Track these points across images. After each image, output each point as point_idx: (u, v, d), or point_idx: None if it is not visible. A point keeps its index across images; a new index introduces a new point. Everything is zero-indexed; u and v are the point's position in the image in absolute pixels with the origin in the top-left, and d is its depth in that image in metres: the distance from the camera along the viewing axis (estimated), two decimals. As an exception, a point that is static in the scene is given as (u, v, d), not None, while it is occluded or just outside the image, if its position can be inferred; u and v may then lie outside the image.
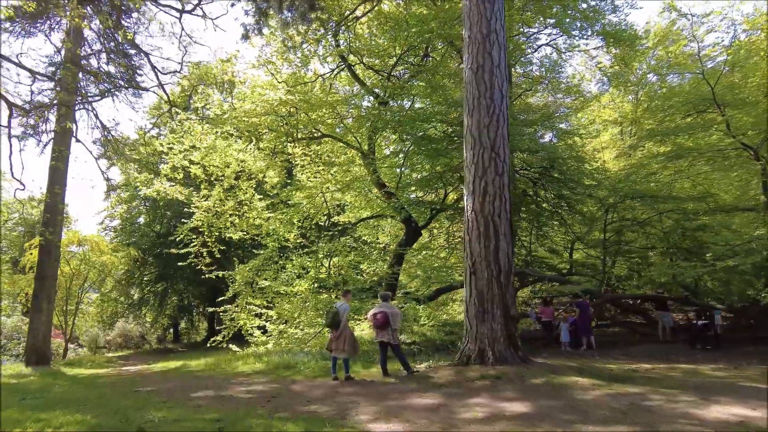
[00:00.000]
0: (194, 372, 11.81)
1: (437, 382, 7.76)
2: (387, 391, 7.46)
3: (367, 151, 15.27)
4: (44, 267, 16.77)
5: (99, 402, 7.39)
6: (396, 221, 18.64)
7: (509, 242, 9.01)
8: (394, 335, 8.52)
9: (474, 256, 8.86)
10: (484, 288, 8.72)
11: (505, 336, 8.59)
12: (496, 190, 8.94)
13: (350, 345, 8.80)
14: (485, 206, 8.88)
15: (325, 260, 15.39)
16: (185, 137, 15.72)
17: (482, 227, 8.86)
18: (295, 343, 12.72)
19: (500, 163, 9.04)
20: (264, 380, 9.12)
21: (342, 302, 9.07)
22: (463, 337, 8.94)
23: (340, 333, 8.82)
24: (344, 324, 8.87)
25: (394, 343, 8.51)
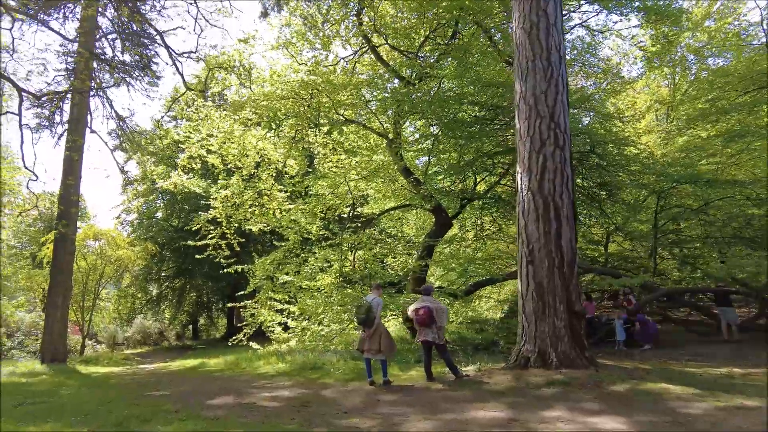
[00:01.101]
0: (212, 372, 10.60)
1: (495, 390, 6.40)
2: (437, 399, 6.12)
3: (392, 138, 13.94)
4: (59, 261, 15.75)
5: (103, 410, 6.17)
6: (422, 212, 17.30)
7: (572, 226, 7.61)
8: (440, 334, 7.17)
9: (531, 243, 7.48)
10: (543, 279, 7.33)
11: (570, 334, 7.20)
12: (557, 166, 7.54)
13: (386, 345, 7.49)
14: (544, 185, 7.49)
15: (349, 253, 14.10)
16: (202, 124, 14.57)
17: (541, 209, 7.47)
18: (320, 340, 11.44)
19: (560, 135, 7.65)
20: (290, 383, 7.85)
21: (373, 296, 7.76)
22: (519, 337, 7.55)
23: (374, 331, 7.52)
24: (378, 321, 7.57)
25: (439, 342, 7.17)
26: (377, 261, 14.48)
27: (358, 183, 14.08)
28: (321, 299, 12.60)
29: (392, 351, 7.69)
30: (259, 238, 22.41)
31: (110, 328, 20.82)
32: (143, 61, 17.32)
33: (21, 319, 18.56)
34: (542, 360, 7.13)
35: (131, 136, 18.02)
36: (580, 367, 6.95)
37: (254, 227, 14.45)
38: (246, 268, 13.92)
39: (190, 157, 14.57)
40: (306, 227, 14.33)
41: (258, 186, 14.36)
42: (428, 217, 17.53)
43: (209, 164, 15.28)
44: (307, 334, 12.73)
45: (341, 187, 13.99)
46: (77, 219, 16.03)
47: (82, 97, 16.04)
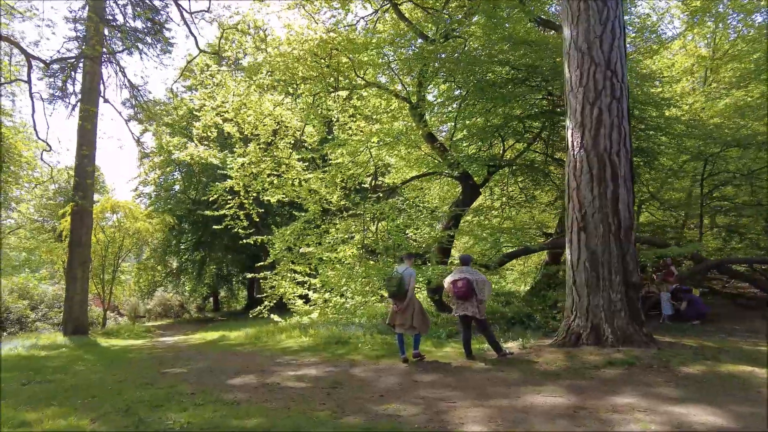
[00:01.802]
0: (233, 346, 9.99)
1: (549, 370, 5.58)
2: (482, 381, 5.33)
3: (416, 102, 12.90)
4: (77, 234, 15.24)
5: (114, 390, 5.52)
6: (446, 182, 16.34)
7: (630, 188, 6.64)
8: (481, 308, 6.34)
9: (584, 207, 6.54)
10: (598, 248, 6.42)
11: (626, 308, 6.32)
12: (614, 120, 6.53)
13: (420, 320, 6.70)
14: (599, 141, 6.50)
15: (371, 224, 13.27)
16: (217, 91, 13.70)
17: (595, 169, 6.50)
18: (343, 313, 10.75)
19: (617, 84, 6.61)
20: (315, 360, 7.14)
21: (405, 267, 6.93)
22: (569, 311, 6.68)
23: (407, 305, 6.74)
24: (411, 294, 6.77)
25: (480, 317, 6.34)
26: (400, 232, 13.67)
27: (380, 150, 13.15)
28: (343, 271, 11.86)
29: (427, 327, 6.92)
30: (278, 210, 21.71)
31: (131, 301, 20.50)
32: (155, 27, 16.39)
33: (44, 292, 18.26)
34: (596, 336, 6.27)
35: (146, 107, 17.24)
36: (639, 344, 6.09)
37: (272, 198, 13.69)
38: (266, 239, 13.22)
39: (205, 126, 13.77)
40: (326, 197, 13.53)
41: (276, 154, 13.53)
42: (452, 187, 16.58)
43: (225, 134, 14.48)
44: (329, 306, 12.07)
45: (362, 155, 13.09)
46: (93, 190, 15.42)
47: (94, 65, 15.22)
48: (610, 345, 6.08)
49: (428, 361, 6.50)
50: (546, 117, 12.34)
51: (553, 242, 10.58)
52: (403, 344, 6.77)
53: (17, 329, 16.71)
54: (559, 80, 10.91)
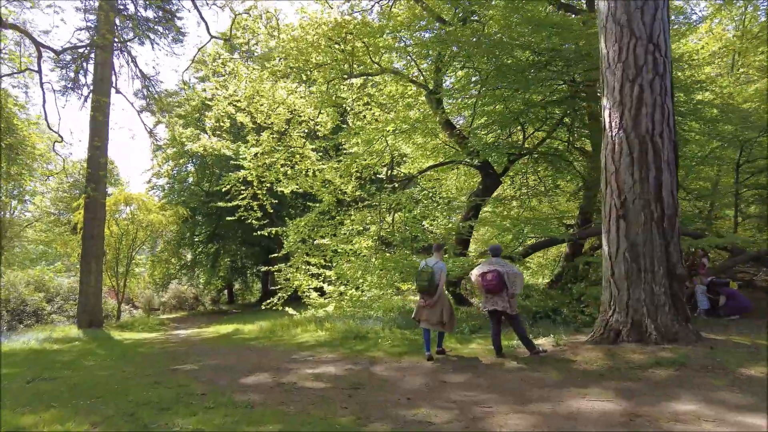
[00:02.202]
0: (247, 340, 9.60)
1: (588, 370, 5.05)
2: (518, 382, 4.82)
3: (432, 88, 12.32)
4: (90, 226, 14.98)
5: (120, 389, 5.12)
6: (464, 172, 15.76)
7: (673, 172, 6.04)
8: (512, 302, 5.82)
9: (623, 194, 5.96)
10: (639, 237, 5.84)
11: (671, 303, 5.75)
12: (656, 99, 5.92)
13: (450, 318, 6.21)
14: (641, 121, 5.90)
15: (387, 215, 12.78)
16: (228, 80, 13.27)
17: (636, 152, 5.91)
18: (360, 306, 10.29)
19: (660, 60, 5.99)
20: (333, 356, 6.69)
21: (434, 259, 6.43)
22: (606, 305, 6.13)
23: (436, 300, 6.25)
24: (441, 289, 6.27)
25: (511, 313, 5.82)
26: (417, 223, 13.16)
27: (396, 139, 12.62)
28: (359, 264, 11.39)
29: (454, 325, 6.41)
30: (292, 203, 21.32)
31: (146, 294, 20.30)
32: (167, 15, 15.99)
33: (59, 284, 18.11)
34: (637, 333, 5.72)
35: (158, 97, 16.88)
36: (686, 342, 5.52)
37: (286, 189, 13.24)
38: (280, 231, 12.81)
39: (218, 116, 13.36)
40: (340, 187, 13.05)
41: (289, 143, 13.07)
42: (469, 178, 16.00)
43: (239, 124, 14.05)
44: (345, 299, 11.63)
45: (377, 143, 12.55)
46: (106, 182, 15.13)
47: (105, 54, 14.87)
48: (654, 342, 5.53)
49: (455, 359, 6.00)
50: (568, 103, 11.69)
51: (584, 232, 9.98)
52: (429, 340, 6.27)
53: (33, 321, 16.58)
54: (583, 64, 10.28)
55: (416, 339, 7.39)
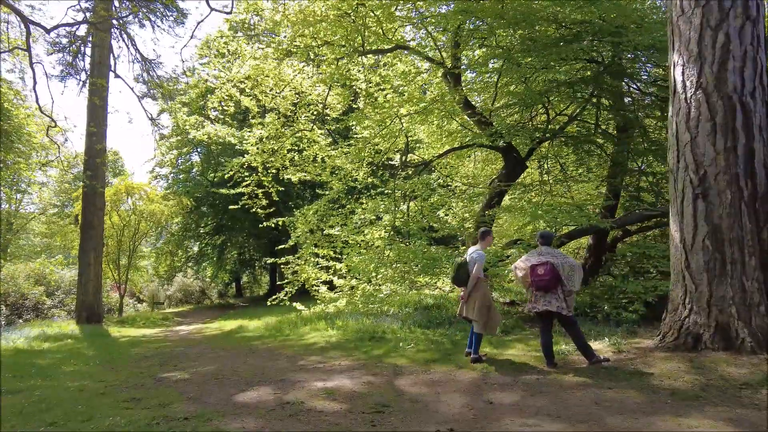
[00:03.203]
0: (251, 339, 8.53)
1: (676, 388, 3.88)
2: (589, 404, 3.66)
3: (450, 66, 11.09)
4: (89, 216, 13.98)
5: (84, 411, 4.02)
6: (483, 157, 14.58)
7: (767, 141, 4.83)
8: (569, 301, 4.66)
9: (703, 167, 4.76)
10: (723, 221, 4.65)
11: (767, 301, 4.56)
12: (746, 50, 4.70)
13: (481, 313, 5.09)
14: (726, 78, 4.69)
15: (402, 203, 11.61)
16: (231, 60, 12.15)
17: (719, 116, 4.70)
18: (375, 302, 9.18)
19: (752, 2, 4.76)
20: (348, 363, 5.56)
21: (476, 248, 5.30)
22: (680, 304, 4.94)
23: (469, 293, 5.16)
24: (475, 280, 5.15)
25: (567, 314, 4.66)
26: (433, 212, 12.00)
27: (411, 121, 11.42)
28: (372, 256, 10.26)
29: (489, 325, 5.24)
30: (300, 193, 20.23)
31: (151, 287, 19.33)
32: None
33: (60, 278, 17.16)
34: (724, 339, 4.54)
35: (159, 82, 15.79)
36: (790, 351, 4.34)
37: (293, 176, 12.10)
38: (287, 221, 11.69)
39: (221, 99, 12.22)
40: (351, 174, 11.90)
41: (296, 127, 11.92)
42: (486, 164, 14.80)
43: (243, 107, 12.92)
44: (357, 294, 10.53)
45: (391, 126, 11.36)
46: (105, 170, 14.10)
47: (103, 36, 13.77)
48: (750, 351, 4.35)
49: (496, 369, 4.85)
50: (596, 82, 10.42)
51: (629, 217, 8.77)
52: (472, 338, 5.22)
53: (33, 316, 15.67)
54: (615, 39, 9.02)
55: (442, 342, 6.26)
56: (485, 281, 5.29)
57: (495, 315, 5.23)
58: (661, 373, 4.24)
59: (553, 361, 4.76)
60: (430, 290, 11.41)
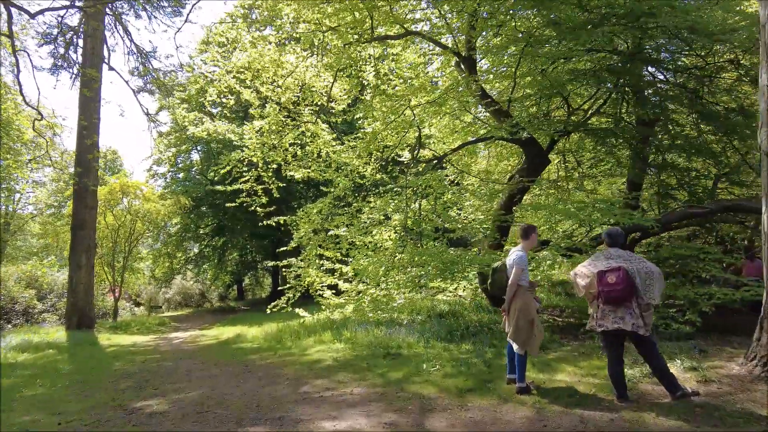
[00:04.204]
0: (248, 353, 7.46)
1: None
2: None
3: (465, 54, 10.02)
4: (80, 215, 12.93)
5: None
6: (497, 152, 13.46)
7: None
8: (647, 318, 3.57)
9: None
10: None
11: None
12: None
13: (519, 327, 4.04)
14: None
15: (413, 201, 10.52)
16: (230, 49, 11.12)
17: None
18: (388, 311, 8.10)
19: None
20: (361, 392, 4.48)
21: (516, 249, 4.24)
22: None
23: (509, 305, 4.11)
24: (513, 289, 4.08)
25: (645, 334, 3.57)
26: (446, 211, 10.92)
27: (424, 112, 10.34)
28: (382, 258, 9.16)
29: (529, 342, 4.14)
30: (303, 192, 19.17)
31: (148, 290, 18.27)
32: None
33: (53, 280, 16.12)
34: None
35: (157, 77, 14.76)
36: None
37: (296, 173, 11.04)
38: (289, 220, 10.61)
39: (220, 92, 11.19)
40: (358, 170, 10.81)
41: (299, 119, 10.85)
42: (500, 160, 13.69)
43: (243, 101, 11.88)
44: (365, 300, 9.44)
45: (401, 118, 10.26)
46: (97, 167, 13.05)
47: (95, 24, 12.75)
48: None
49: (556, 405, 3.76)
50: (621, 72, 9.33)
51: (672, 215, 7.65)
52: (510, 360, 4.18)
53: (23, 321, 14.63)
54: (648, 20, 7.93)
55: (472, 362, 5.17)
56: (527, 290, 4.21)
57: (539, 332, 4.14)
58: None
59: (626, 394, 3.67)
60: (444, 295, 10.34)
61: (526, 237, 4.28)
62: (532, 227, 4.35)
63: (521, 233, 4.31)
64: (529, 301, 4.16)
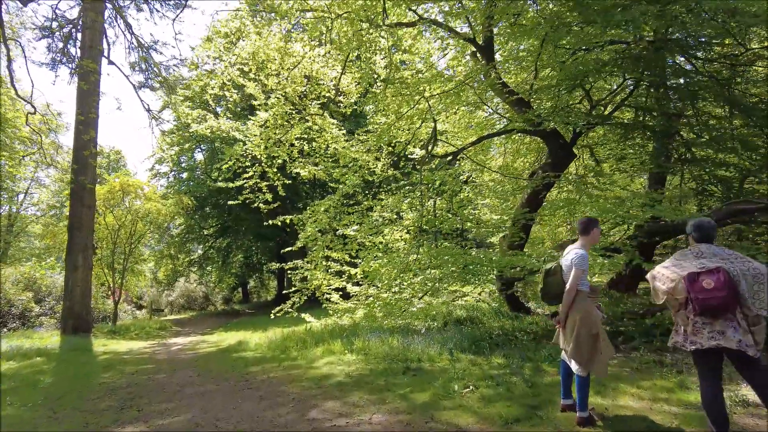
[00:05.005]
0: (249, 363, 6.66)
1: None
2: None
3: (482, 44, 9.21)
4: (77, 215, 12.20)
5: None
6: (513, 148, 12.64)
7: None
8: (758, 334, 2.74)
9: None
10: None
11: None
12: None
13: (582, 346, 3.21)
14: None
15: (428, 198, 9.70)
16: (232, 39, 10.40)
17: None
18: (405, 317, 7.28)
19: None
20: (383, 419, 3.66)
21: (574, 247, 3.42)
22: None
23: (565, 315, 3.29)
24: (573, 293, 3.28)
25: (754, 355, 2.74)
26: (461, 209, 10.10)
27: (440, 102, 9.54)
28: (395, 260, 8.34)
29: (591, 359, 3.31)
30: (309, 193, 18.39)
31: (150, 293, 17.53)
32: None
33: (53, 282, 15.42)
34: None
35: (158, 71, 14.07)
36: None
37: (302, 170, 10.26)
38: (295, 219, 9.82)
39: (223, 84, 10.46)
40: (368, 166, 10.02)
41: (306, 112, 10.08)
42: (516, 158, 12.87)
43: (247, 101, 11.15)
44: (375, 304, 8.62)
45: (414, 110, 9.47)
46: (94, 164, 12.33)
47: (95, 16, 12.09)
48: None
49: (598, 423, 2.92)
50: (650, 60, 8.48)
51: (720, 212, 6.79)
52: (564, 380, 3.38)
53: (19, 324, 13.93)
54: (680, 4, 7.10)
55: (509, 380, 4.34)
56: (588, 296, 3.38)
57: (606, 348, 3.31)
58: None
59: (727, 426, 2.83)
60: (461, 300, 9.53)
61: (587, 232, 3.45)
62: (594, 220, 3.52)
63: (581, 228, 3.48)
64: (592, 310, 3.33)
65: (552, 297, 3.49)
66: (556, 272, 3.47)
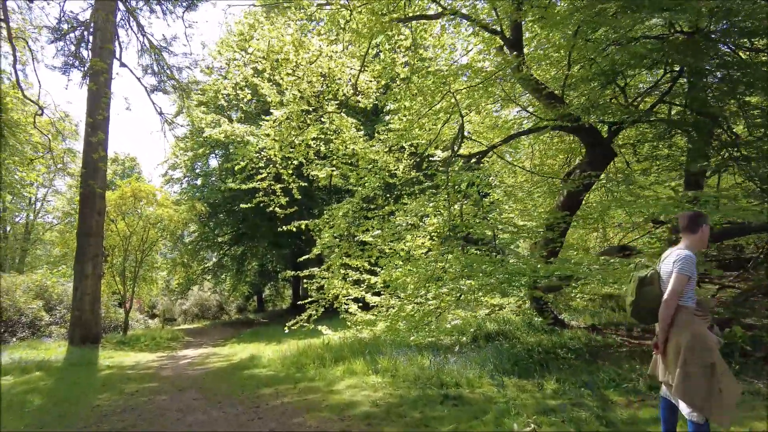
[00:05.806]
0: (261, 384, 5.88)
1: None
2: None
3: (510, 38, 8.42)
4: (87, 221, 11.68)
5: None
6: (541, 150, 11.78)
7: None
8: None
9: None
10: None
11: None
12: None
13: (688, 376, 2.37)
14: None
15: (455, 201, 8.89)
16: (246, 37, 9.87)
17: None
18: (435, 333, 6.45)
19: None
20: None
21: (679, 247, 2.59)
22: None
23: (664, 336, 2.44)
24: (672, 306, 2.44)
25: None
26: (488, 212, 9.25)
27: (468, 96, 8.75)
28: (421, 268, 7.50)
29: (703, 396, 2.46)
30: (326, 199, 17.71)
31: (163, 302, 16.96)
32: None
33: (65, 291, 14.92)
34: None
35: (171, 74, 13.60)
36: None
37: (319, 173, 9.53)
38: (311, 225, 9.09)
39: (237, 84, 9.85)
40: (389, 167, 9.25)
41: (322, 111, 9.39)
42: (545, 159, 12.00)
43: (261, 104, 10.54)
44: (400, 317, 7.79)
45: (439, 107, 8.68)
46: (105, 167, 11.82)
47: (105, 17, 11.66)
48: None
49: None
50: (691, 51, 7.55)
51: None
52: (666, 420, 2.49)
53: (29, 334, 13.42)
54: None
55: (574, 413, 3.49)
56: (696, 313, 2.54)
57: (729, 386, 2.46)
58: None
59: None
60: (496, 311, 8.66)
61: (693, 230, 2.63)
62: (703, 216, 2.69)
63: (687, 224, 2.65)
64: (703, 331, 2.50)
65: (647, 313, 2.66)
66: (652, 281, 2.65)
